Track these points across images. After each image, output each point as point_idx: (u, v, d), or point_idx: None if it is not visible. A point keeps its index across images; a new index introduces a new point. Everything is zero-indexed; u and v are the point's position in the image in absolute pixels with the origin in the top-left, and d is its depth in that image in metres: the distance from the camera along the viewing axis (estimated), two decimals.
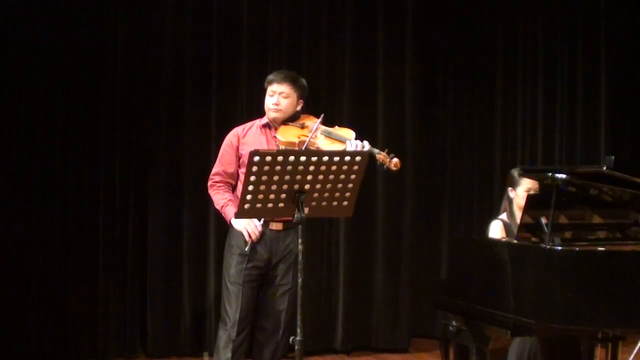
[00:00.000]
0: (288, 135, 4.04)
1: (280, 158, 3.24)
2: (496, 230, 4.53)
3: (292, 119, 4.12)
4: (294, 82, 4.12)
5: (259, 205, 3.31)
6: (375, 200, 6.09)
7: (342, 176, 3.37)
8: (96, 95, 5.47)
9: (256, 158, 3.22)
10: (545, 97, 6.67)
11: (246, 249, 4.01)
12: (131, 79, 5.55)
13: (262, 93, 4.18)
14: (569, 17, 6.74)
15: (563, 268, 3.53)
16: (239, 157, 4.14)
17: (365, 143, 4.00)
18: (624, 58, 6.88)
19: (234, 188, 4.20)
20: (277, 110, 4.08)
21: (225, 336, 4.05)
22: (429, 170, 6.41)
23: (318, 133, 4.00)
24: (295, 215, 3.33)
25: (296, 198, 3.33)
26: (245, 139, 4.15)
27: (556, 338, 4.30)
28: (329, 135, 4.02)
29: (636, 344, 4.77)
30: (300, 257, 3.35)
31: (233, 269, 4.07)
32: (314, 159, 3.30)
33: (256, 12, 5.82)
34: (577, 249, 3.68)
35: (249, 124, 4.23)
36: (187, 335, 5.68)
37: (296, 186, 3.31)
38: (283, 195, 3.32)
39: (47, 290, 5.31)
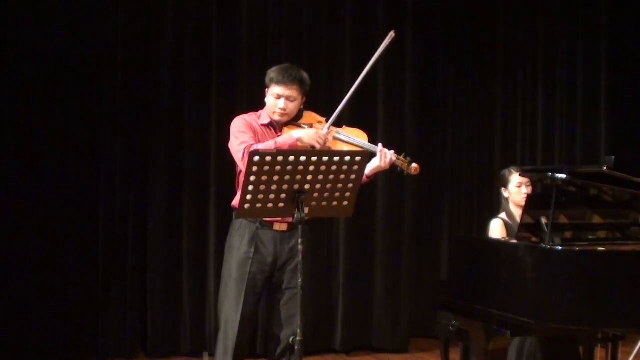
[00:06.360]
0: None
1: (280, 158, 3.22)
2: (497, 228, 4.54)
3: (295, 118, 3.89)
4: (301, 83, 3.80)
5: (259, 205, 3.30)
6: (375, 200, 6.08)
7: (342, 176, 3.36)
8: (96, 95, 5.47)
9: (256, 158, 3.20)
10: (545, 97, 6.67)
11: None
12: (131, 79, 5.54)
13: (263, 92, 3.91)
14: (569, 17, 6.74)
15: (563, 268, 3.53)
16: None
17: (389, 152, 3.78)
18: (624, 58, 6.88)
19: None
20: (283, 115, 3.81)
21: (224, 342, 3.81)
22: (428, 170, 6.39)
23: (331, 137, 3.81)
24: (295, 215, 3.31)
25: (296, 198, 3.30)
26: (258, 132, 3.84)
27: (556, 338, 4.30)
28: (345, 141, 3.82)
29: (636, 344, 4.77)
30: (300, 257, 3.33)
31: (235, 272, 3.80)
32: (314, 159, 3.28)
33: (256, 12, 5.82)
34: (577, 249, 3.68)
35: (253, 117, 3.91)
36: (187, 335, 5.68)
37: (296, 186, 3.29)
38: (283, 195, 3.30)
39: (47, 290, 5.30)
